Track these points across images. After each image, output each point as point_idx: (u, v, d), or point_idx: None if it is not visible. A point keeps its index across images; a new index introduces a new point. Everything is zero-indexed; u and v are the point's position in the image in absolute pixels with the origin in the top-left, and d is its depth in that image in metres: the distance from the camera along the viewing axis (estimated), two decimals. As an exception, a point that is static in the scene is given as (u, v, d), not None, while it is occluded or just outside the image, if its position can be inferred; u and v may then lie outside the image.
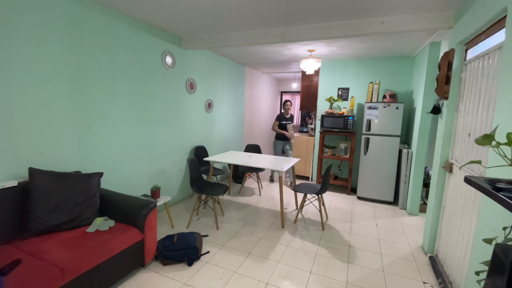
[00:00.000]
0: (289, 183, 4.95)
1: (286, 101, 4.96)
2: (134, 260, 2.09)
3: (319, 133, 4.67)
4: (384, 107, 3.85)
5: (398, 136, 3.83)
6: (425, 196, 3.68)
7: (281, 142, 4.88)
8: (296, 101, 7.87)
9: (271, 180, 5.07)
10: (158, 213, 3.28)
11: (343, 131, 4.38)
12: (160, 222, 3.08)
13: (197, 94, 3.98)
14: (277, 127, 4.85)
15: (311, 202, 3.68)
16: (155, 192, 2.87)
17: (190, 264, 2.29)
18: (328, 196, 4.29)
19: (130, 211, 2.14)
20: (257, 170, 4.25)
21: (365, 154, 4.05)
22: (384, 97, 3.98)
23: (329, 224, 3.23)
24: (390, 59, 4.24)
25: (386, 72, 4.30)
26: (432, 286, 2.11)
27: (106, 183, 2.55)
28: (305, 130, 6.31)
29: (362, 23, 2.59)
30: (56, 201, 1.93)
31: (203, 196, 3.64)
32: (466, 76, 2.09)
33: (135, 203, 2.18)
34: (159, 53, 3.18)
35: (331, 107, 4.63)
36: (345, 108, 4.54)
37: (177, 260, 2.29)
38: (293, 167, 3.73)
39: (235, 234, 2.89)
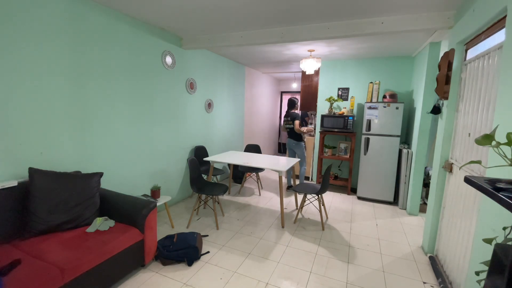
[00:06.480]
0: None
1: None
2: (134, 260, 2.09)
3: (319, 133, 4.67)
4: (384, 107, 3.85)
5: (398, 136, 3.83)
6: (425, 196, 3.68)
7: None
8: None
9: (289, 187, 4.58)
10: (158, 213, 3.28)
11: (343, 131, 4.38)
12: (160, 222, 3.08)
13: (197, 94, 3.98)
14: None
15: (311, 202, 3.68)
16: (155, 192, 2.87)
17: (190, 264, 2.29)
18: (328, 196, 4.29)
19: (130, 211, 2.14)
20: (257, 170, 4.25)
21: (365, 154, 4.05)
22: (384, 97, 3.98)
23: (329, 224, 3.23)
24: (390, 59, 4.24)
25: (386, 72, 4.30)
26: (432, 286, 2.11)
27: (106, 183, 2.55)
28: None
29: (362, 23, 2.59)
30: (56, 201, 1.93)
31: (203, 196, 3.64)
32: (466, 76, 2.09)
33: (135, 203, 2.18)
34: (159, 53, 3.18)
35: (331, 107, 4.63)
36: (345, 108, 4.54)
37: (177, 260, 2.29)
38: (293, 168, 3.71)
39: (235, 234, 2.89)
